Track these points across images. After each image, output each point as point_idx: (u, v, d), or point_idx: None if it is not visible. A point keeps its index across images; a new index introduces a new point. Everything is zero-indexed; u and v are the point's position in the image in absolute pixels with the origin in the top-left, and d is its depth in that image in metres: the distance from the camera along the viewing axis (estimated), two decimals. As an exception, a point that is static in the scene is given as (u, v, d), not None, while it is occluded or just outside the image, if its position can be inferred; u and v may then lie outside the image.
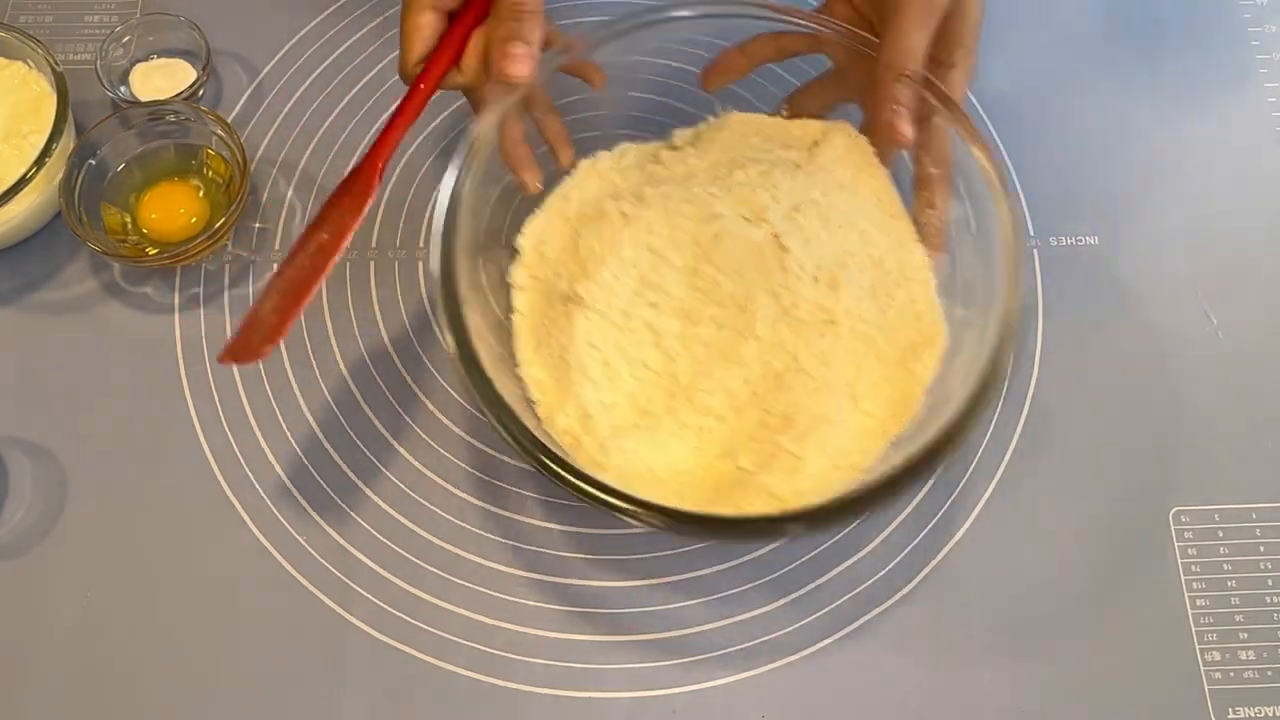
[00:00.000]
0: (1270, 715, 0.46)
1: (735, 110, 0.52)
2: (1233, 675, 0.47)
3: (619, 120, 0.52)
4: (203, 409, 0.52)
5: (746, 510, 0.43)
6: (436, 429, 0.52)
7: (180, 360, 0.53)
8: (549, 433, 0.45)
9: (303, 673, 0.47)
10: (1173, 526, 0.50)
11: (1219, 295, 0.54)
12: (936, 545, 0.49)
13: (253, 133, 0.59)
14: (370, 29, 0.61)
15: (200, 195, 0.55)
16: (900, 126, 0.45)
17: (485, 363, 0.42)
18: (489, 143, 0.47)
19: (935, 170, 0.48)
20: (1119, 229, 0.52)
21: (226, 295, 0.55)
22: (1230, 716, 0.46)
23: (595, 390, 0.46)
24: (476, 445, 0.51)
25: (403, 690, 0.47)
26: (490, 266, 0.48)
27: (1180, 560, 0.49)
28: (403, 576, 0.49)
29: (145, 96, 0.58)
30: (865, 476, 0.44)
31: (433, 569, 0.49)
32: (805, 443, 0.44)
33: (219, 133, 0.54)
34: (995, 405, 0.41)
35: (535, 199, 0.50)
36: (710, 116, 0.52)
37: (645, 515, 0.40)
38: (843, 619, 0.48)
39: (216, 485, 0.50)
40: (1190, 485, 0.50)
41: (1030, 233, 0.56)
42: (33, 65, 0.56)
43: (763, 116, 0.52)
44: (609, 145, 0.52)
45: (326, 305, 0.54)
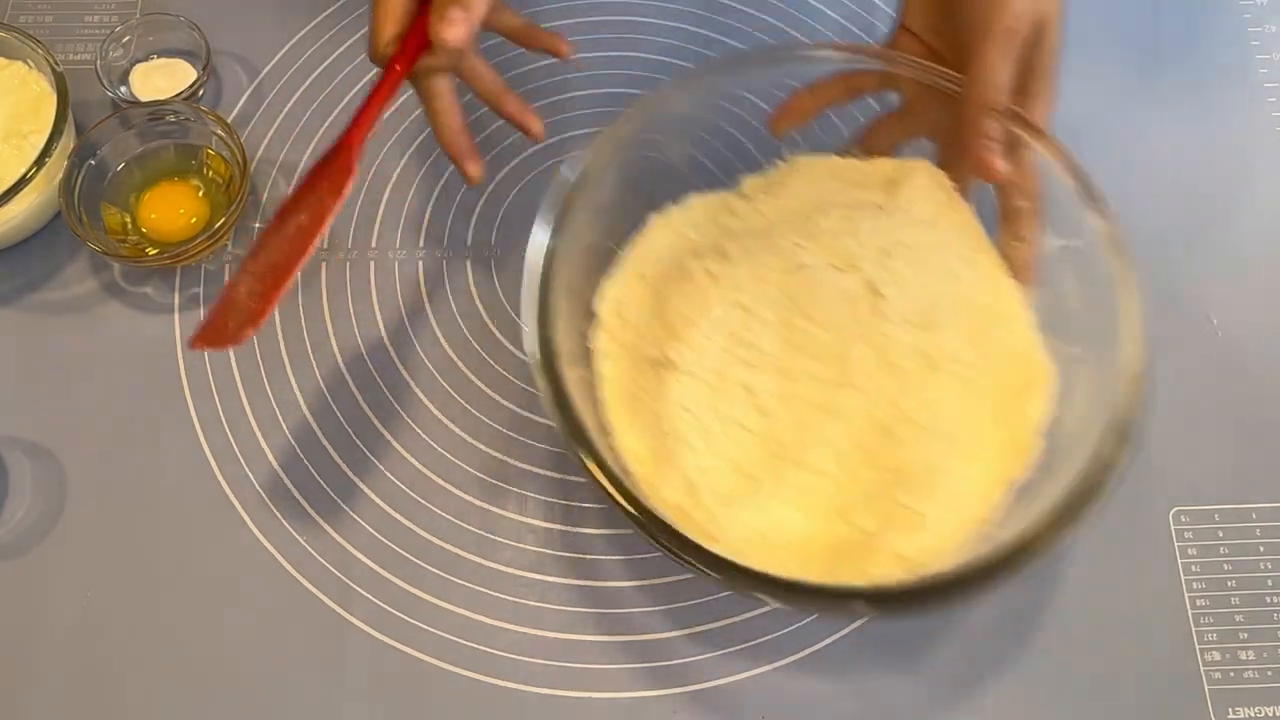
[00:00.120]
0: (1271, 715, 0.46)
1: (804, 153, 0.50)
2: (1232, 675, 0.47)
3: (684, 171, 0.50)
4: (203, 409, 0.52)
5: (875, 576, 0.41)
6: (436, 429, 0.52)
7: (180, 360, 0.53)
8: (654, 506, 0.42)
9: (302, 673, 0.47)
10: (1173, 526, 0.50)
11: (1218, 295, 0.54)
12: (936, 545, 0.49)
13: (253, 133, 0.59)
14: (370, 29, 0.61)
15: (200, 195, 0.55)
16: (994, 163, 0.44)
17: (595, 441, 0.41)
18: (581, 198, 0.45)
19: (1023, 203, 0.46)
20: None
21: (226, 295, 0.55)
22: (1230, 716, 0.46)
23: (695, 457, 0.44)
24: (476, 445, 0.51)
25: (403, 690, 0.47)
26: (572, 332, 0.46)
27: (1180, 560, 0.49)
28: (403, 576, 0.49)
29: (145, 96, 0.58)
30: (992, 529, 0.42)
31: (433, 569, 0.49)
32: (925, 497, 0.42)
33: (219, 133, 0.54)
34: (1136, 446, 0.40)
35: (607, 259, 0.48)
36: (779, 161, 0.50)
37: (785, 597, 0.38)
38: (844, 618, 0.48)
39: (216, 485, 0.50)
40: (1190, 485, 0.50)
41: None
42: (33, 65, 0.56)
43: (834, 158, 0.50)
44: (675, 198, 0.50)
45: (326, 305, 0.54)
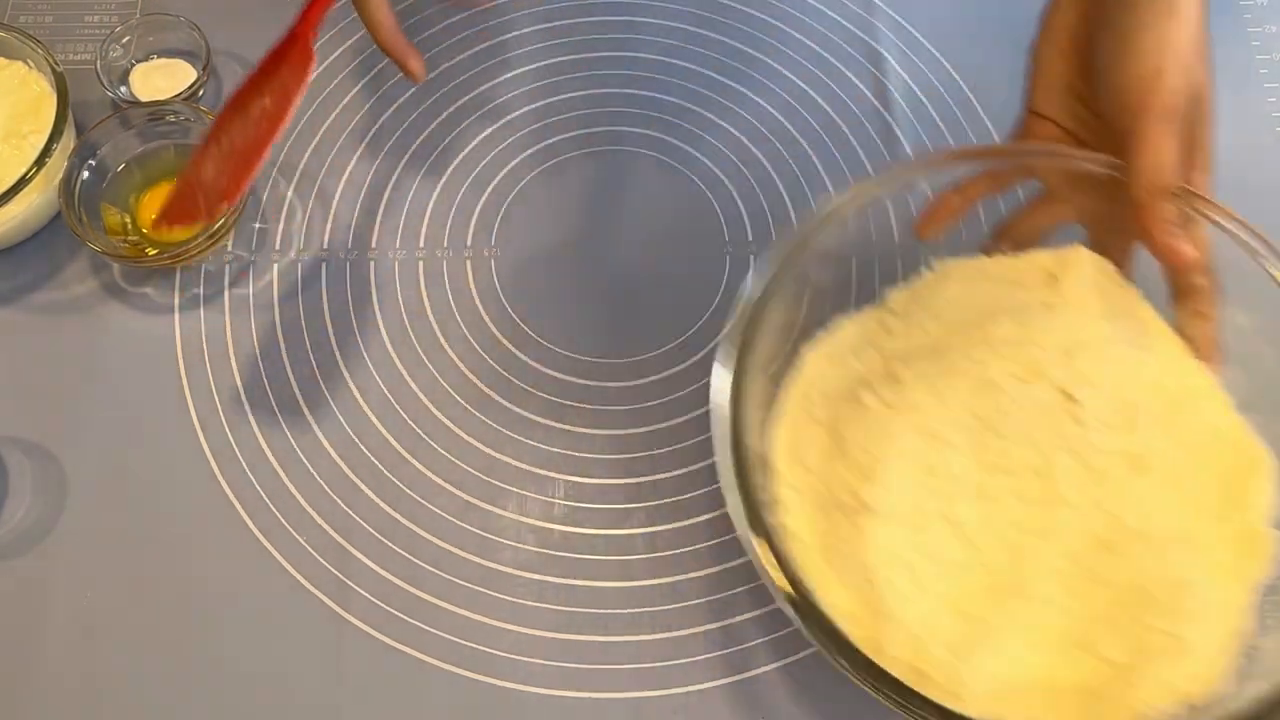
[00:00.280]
0: None
1: (949, 257, 0.47)
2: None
3: (829, 294, 0.47)
4: (203, 409, 0.52)
5: (1146, 715, 0.38)
6: (436, 429, 0.52)
7: (180, 360, 0.53)
8: (890, 669, 0.39)
9: (302, 672, 0.47)
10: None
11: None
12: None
13: (253, 133, 0.59)
14: (370, 29, 0.61)
15: (200, 195, 0.55)
16: (1182, 249, 0.42)
17: (820, 603, 0.39)
18: (752, 338, 0.42)
19: (1201, 279, 0.44)
20: (1119, 229, 0.52)
21: (226, 295, 0.55)
22: None
23: (913, 606, 0.40)
24: (476, 445, 0.51)
25: (402, 690, 0.47)
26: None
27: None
28: (402, 576, 0.49)
29: (145, 96, 0.58)
30: (1253, 640, 0.40)
31: (433, 569, 0.49)
32: (1176, 616, 0.39)
33: (219, 133, 0.54)
34: None
35: (768, 401, 0.45)
36: (924, 269, 0.48)
37: None
38: (843, 619, 0.48)
39: (216, 485, 0.50)
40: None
41: (1030, 233, 0.56)
42: (33, 65, 0.56)
43: (982, 259, 0.47)
44: (822, 324, 0.47)
45: (327, 305, 0.54)
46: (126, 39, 0.58)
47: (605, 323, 0.54)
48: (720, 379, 0.42)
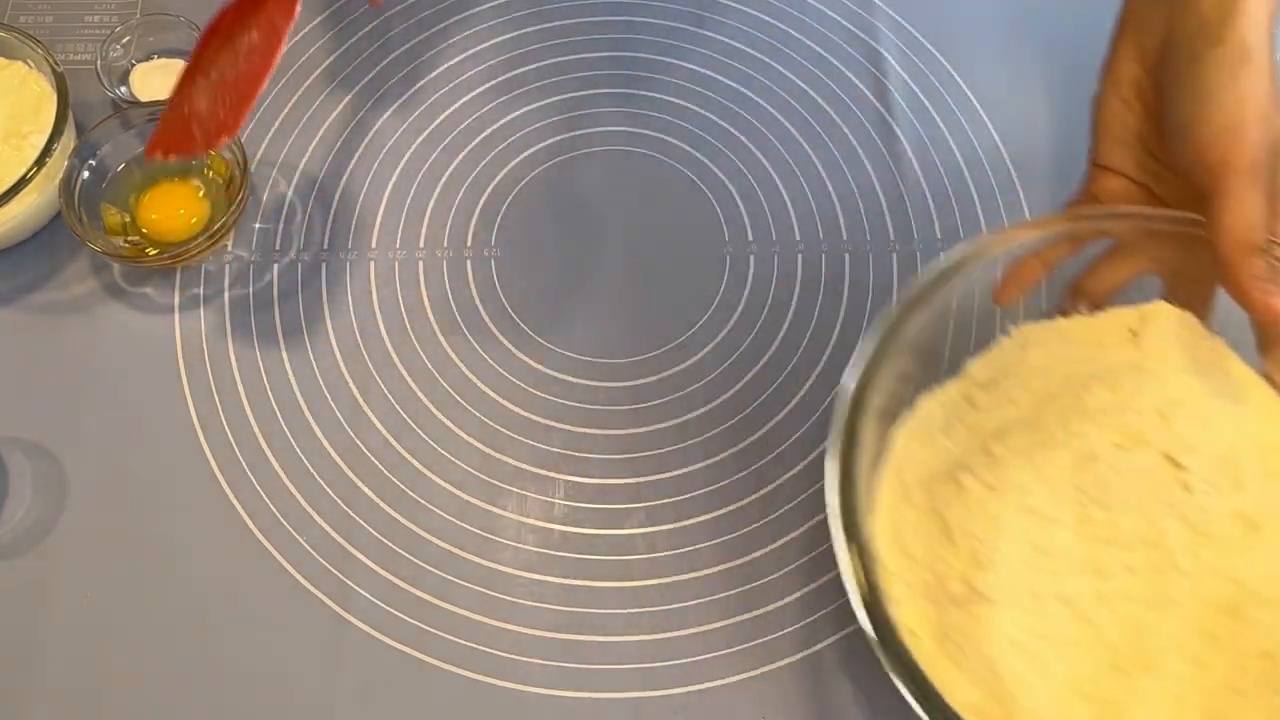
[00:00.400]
0: None
1: (1025, 321, 0.46)
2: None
3: (912, 373, 0.46)
4: (203, 409, 0.52)
5: None
6: (436, 429, 0.52)
7: (180, 360, 0.53)
8: None
9: (302, 672, 0.47)
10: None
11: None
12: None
13: (253, 133, 0.59)
14: (370, 29, 0.62)
15: (200, 195, 0.55)
16: (1275, 304, 0.41)
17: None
18: (858, 425, 0.41)
19: None
20: (1119, 229, 0.52)
21: (226, 295, 0.55)
22: None
23: (1040, 695, 0.39)
24: (476, 445, 0.51)
25: (402, 690, 0.47)
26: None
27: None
28: (402, 576, 0.49)
29: (145, 96, 0.58)
30: None
31: (433, 569, 0.49)
32: None
33: (219, 133, 0.54)
34: None
35: (867, 488, 0.43)
36: (1001, 336, 0.46)
37: None
38: (845, 618, 0.48)
39: (216, 485, 0.50)
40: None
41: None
42: (33, 65, 0.56)
43: (1060, 321, 0.46)
44: (907, 403, 0.45)
45: (326, 305, 0.55)
46: (126, 39, 0.58)
47: (605, 323, 0.54)
48: (831, 477, 0.41)
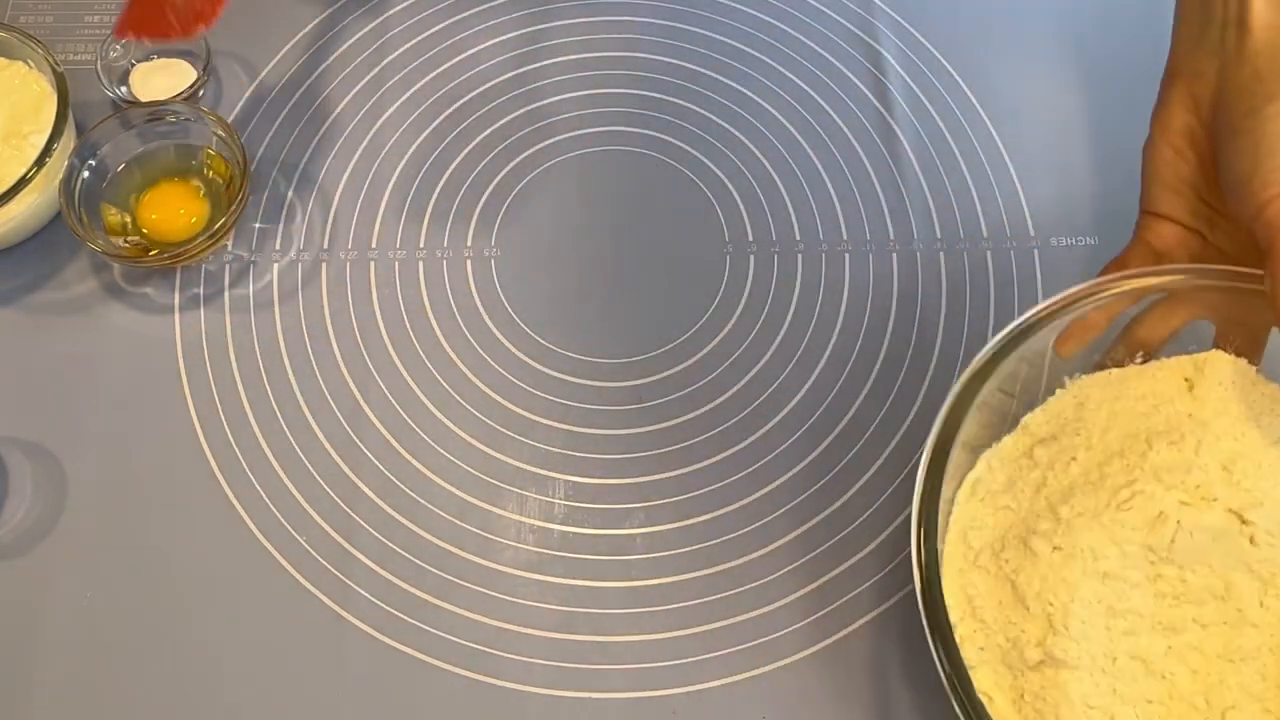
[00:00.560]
0: None
1: (1079, 373, 0.46)
2: None
3: (975, 440, 0.45)
4: (203, 409, 0.52)
5: None
6: (436, 429, 0.52)
7: (180, 360, 0.53)
8: None
9: (302, 673, 0.47)
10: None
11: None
12: (936, 545, 0.49)
13: (253, 133, 0.59)
14: (370, 29, 0.62)
15: (200, 195, 0.55)
16: None
17: None
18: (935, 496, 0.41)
19: None
20: (1119, 229, 0.52)
21: (226, 295, 0.55)
22: None
23: None
24: (476, 445, 0.51)
25: (402, 690, 0.47)
26: None
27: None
28: (402, 576, 0.49)
29: (145, 96, 0.58)
30: None
31: (433, 569, 0.49)
32: None
33: (219, 133, 0.54)
34: None
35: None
36: (1058, 389, 0.47)
37: None
38: (844, 618, 0.48)
39: (217, 485, 0.50)
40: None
41: (1030, 233, 0.57)
42: (33, 65, 0.56)
43: (1115, 373, 0.46)
44: (969, 463, 0.45)
45: (327, 305, 0.55)
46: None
47: (605, 323, 0.54)
48: (916, 553, 0.41)
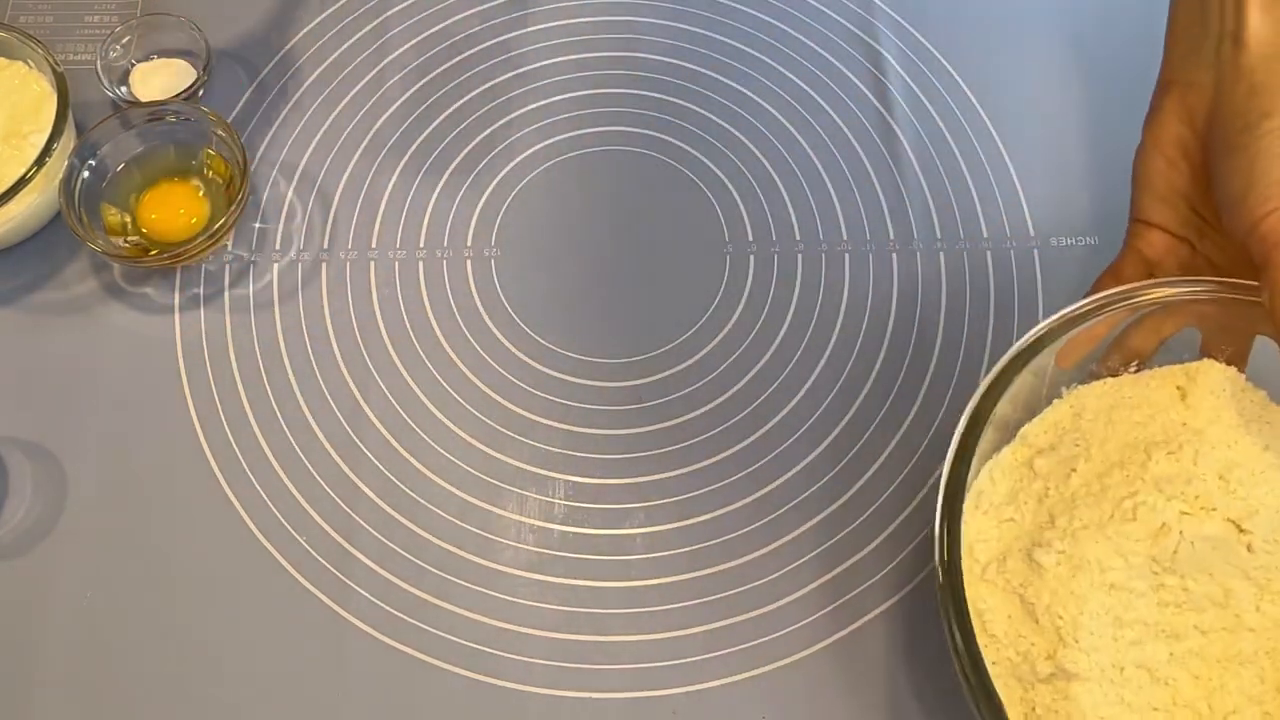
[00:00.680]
0: None
1: (1075, 383, 0.47)
2: None
3: (984, 451, 0.45)
4: (203, 409, 0.52)
5: None
6: (436, 429, 0.52)
7: (180, 360, 0.53)
8: None
9: (302, 672, 0.47)
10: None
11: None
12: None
13: (253, 133, 0.59)
14: (370, 29, 0.62)
15: (200, 195, 0.55)
16: None
17: None
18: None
19: None
20: (1119, 229, 0.52)
21: (226, 295, 0.55)
22: None
23: None
24: (476, 445, 0.51)
25: (402, 690, 0.47)
26: None
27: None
28: (402, 576, 0.49)
29: (145, 96, 0.58)
30: None
31: (433, 569, 0.49)
32: None
33: (219, 133, 0.54)
34: None
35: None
36: (1054, 399, 0.47)
37: None
38: (844, 618, 0.48)
39: (217, 485, 0.50)
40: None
41: (1030, 232, 0.57)
42: (33, 65, 0.56)
43: (1110, 382, 0.47)
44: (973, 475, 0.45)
45: (327, 305, 0.54)
46: (126, 39, 0.58)
47: (605, 323, 0.54)
48: (940, 574, 0.41)
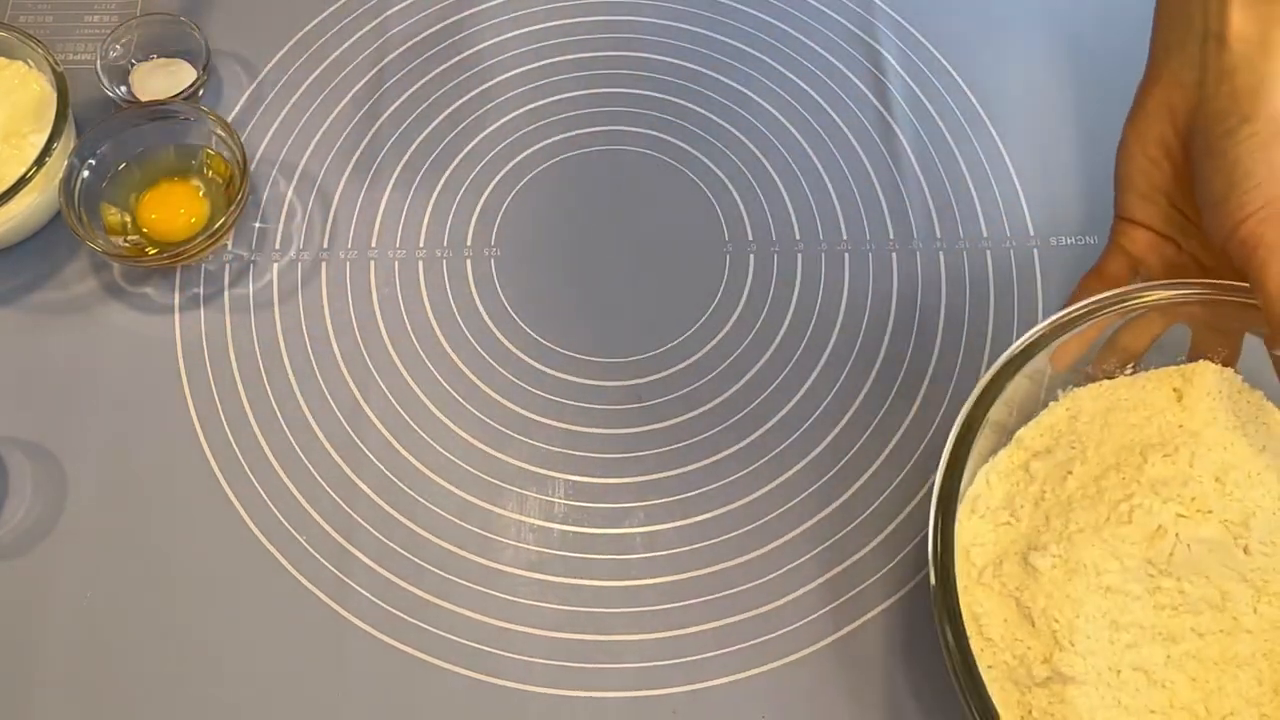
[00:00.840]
0: None
1: (1072, 386, 0.47)
2: None
3: (981, 455, 0.46)
4: (203, 409, 0.52)
5: None
6: (437, 428, 0.52)
7: (180, 360, 0.53)
8: None
9: (302, 672, 0.47)
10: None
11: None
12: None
13: (253, 133, 0.59)
14: (370, 29, 0.62)
15: (200, 195, 0.55)
16: None
17: None
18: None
19: None
20: (1119, 229, 0.53)
21: (226, 295, 0.55)
22: None
23: None
24: (476, 445, 0.51)
25: (402, 690, 0.47)
26: None
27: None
28: (402, 576, 0.49)
29: (145, 96, 0.58)
30: None
31: (433, 569, 0.49)
32: None
33: (219, 133, 0.54)
34: None
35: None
36: (1050, 402, 0.47)
37: None
38: (843, 618, 0.48)
39: (217, 485, 0.50)
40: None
41: (1030, 232, 0.57)
42: (33, 65, 0.56)
43: (1105, 384, 0.47)
44: (969, 480, 0.45)
45: (327, 305, 0.55)
46: (126, 39, 0.58)
47: (605, 322, 0.54)
48: (938, 597, 0.41)
